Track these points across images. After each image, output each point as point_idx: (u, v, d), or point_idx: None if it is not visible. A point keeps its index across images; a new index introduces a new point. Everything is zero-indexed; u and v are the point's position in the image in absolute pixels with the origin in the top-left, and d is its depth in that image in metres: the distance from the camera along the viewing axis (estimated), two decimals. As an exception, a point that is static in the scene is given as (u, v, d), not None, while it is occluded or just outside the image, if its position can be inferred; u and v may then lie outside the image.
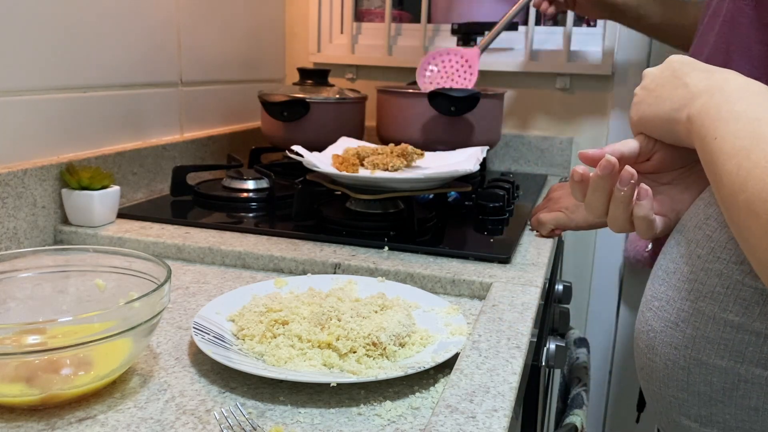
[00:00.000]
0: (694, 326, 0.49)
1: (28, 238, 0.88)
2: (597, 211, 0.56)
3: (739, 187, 0.41)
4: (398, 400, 0.54)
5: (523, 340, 0.61)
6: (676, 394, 0.51)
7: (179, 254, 0.88)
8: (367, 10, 1.66)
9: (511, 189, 1.12)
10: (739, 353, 0.46)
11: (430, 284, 0.78)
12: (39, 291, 0.63)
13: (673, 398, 0.52)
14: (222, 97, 1.37)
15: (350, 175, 0.92)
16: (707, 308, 0.48)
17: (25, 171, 0.86)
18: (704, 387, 0.49)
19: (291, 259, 0.83)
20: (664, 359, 0.52)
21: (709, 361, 0.48)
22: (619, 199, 0.54)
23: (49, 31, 0.91)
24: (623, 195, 0.53)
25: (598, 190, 0.55)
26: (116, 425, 0.50)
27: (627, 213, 0.54)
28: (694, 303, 0.49)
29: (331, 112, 1.28)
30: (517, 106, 1.53)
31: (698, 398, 0.49)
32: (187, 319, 0.69)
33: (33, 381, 0.50)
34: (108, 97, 1.03)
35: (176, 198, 1.10)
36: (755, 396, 0.46)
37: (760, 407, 0.46)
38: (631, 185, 0.53)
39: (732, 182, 0.42)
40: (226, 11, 1.34)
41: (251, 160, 1.32)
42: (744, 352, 0.46)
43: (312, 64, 1.63)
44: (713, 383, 0.48)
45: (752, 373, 0.46)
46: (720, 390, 0.48)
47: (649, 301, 0.55)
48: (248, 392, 0.55)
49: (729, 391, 0.47)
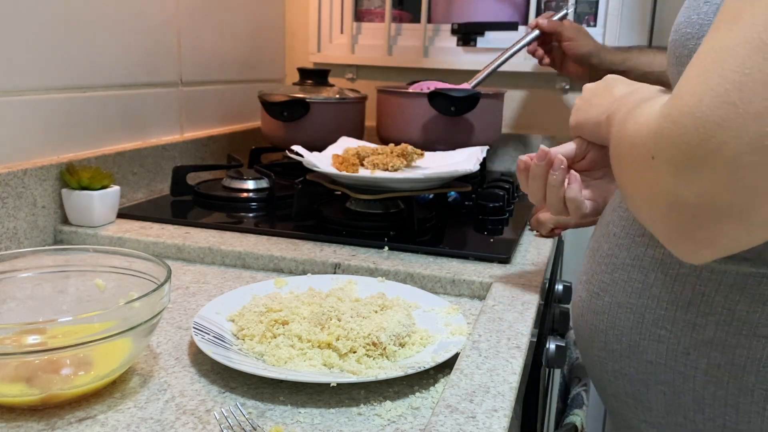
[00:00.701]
0: (610, 294, 0.57)
1: (28, 238, 0.88)
2: (537, 196, 0.66)
3: (612, 143, 0.51)
4: (398, 400, 0.54)
5: (523, 340, 0.61)
6: (597, 353, 0.60)
7: (179, 254, 0.88)
8: (367, 10, 1.66)
9: (511, 189, 1.12)
10: (641, 315, 0.54)
11: (430, 284, 0.78)
12: (39, 291, 0.63)
13: (596, 357, 0.60)
14: (222, 97, 1.37)
15: (350, 175, 0.92)
16: (619, 278, 0.56)
17: (25, 171, 0.86)
18: (617, 345, 0.57)
19: (291, 259, 0.83)
20: (589, 324, 0.60)
21: (620, 324, 0.56)
22: (552, 183, 0.64)
23: (49, 31, 0.91)
24: (555, 178, 0.63)
25: (536, 178, 0.65)
26: (116, 425, 0.50)
27: (560, 195, 0.64)
28: (610, 275, 0.57)
29: (331, 112, 1.28)
30: (517, 106, 1.53)
31: (612, 355, 0.57)
32: (187, 319, 0.69)
33: (33, 381, 0.50)
34: (108, 97, 1.03)
35: (176, 198, 1.09)
36: (650, 351, 0.53)
37: (653, 360, 0.53)
38: (561, 170, 0.63)
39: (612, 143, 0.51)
40: (226, 11, 1.34)
41: (251, 160, 1.32)
42: (644, 314, 0.54)
43: (312, 64, 1.63)
44: (622, 342, 0.56)
45: (649, 331, 0.53)
46: (627, 347, 0.55)
47: (579, 276, 0.64)
48: (248, 392, 0.55)
49: (633, 347, 0.55)
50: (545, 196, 0.65)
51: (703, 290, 0.50)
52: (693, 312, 0.50)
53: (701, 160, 0.37)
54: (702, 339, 0.50)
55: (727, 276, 0.49)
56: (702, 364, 0.50)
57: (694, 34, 0.46)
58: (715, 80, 0.36)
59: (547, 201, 0.65)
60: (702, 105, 0.37)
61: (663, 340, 0.52)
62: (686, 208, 0.39)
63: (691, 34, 0.46)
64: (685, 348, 0.51)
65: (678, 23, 0.48)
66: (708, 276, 0.50)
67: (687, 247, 0.42)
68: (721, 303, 0.49)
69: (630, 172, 0.45)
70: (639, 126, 0.44)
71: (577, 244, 1.50)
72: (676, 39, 0.48)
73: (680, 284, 0.51)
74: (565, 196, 0.64)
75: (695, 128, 0.37)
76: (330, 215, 0.98)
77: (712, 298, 0.49)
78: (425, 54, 1.54)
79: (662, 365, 0.53)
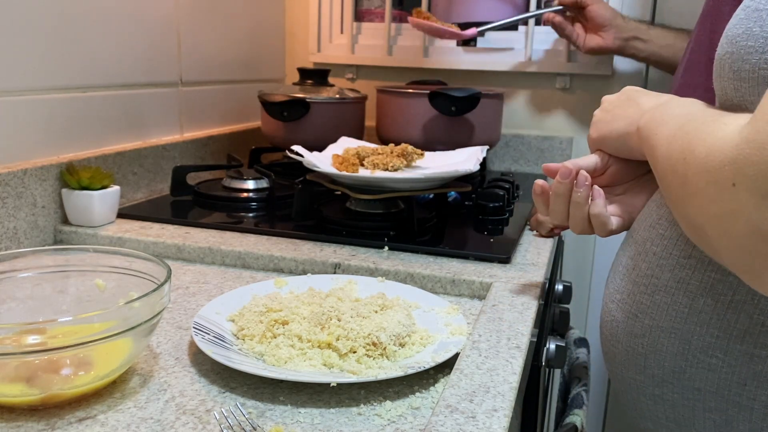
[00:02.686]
0: (651, 317, 0.55)
1: (28, 238, 0.88)
2: (560, 216, 0.64)
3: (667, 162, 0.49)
4: (398, 400, 0.54)
5: (523, 340, 0.61)
6: (634, 376, 0.57)
7: (179, 254, 0.88)
8: (367, 10, 1.66)
9: (511, 189, 1.12)
10: (687, 341, 0.52)
11: (430, 284, 0.78)
12: (39, 291, 0.63)
13: (632, 380, 0.58)
14: (222, 97, 1.37)
15: (350, 175, 0.92)
16: (662, 301, 0.54)
17: (25, 171, 0.86)
18: (658, 370, 0.54)
19: (291, 259, 0.83)
20: (625, 346, 0.58)
21: (663, 348, 0.54)
22: (576, 200, 0.62)
23: (49, 31, 0.91)
24: (579, 195, 0.61)
25: (559, 196, 0.63)
26: (116, 425, 0.50)
27: (584, 212, 0.62)
28: (651, 296, 0.55)
29: (331, 112, 1.28)
30: (517, 106, 1.53)
31: (652, 380, 0.55)
32: (187, 319, 0.69)
33: (33, 381, 0.50)
34: (108, 97, 1.03)
35: (176, 198, 1.09)
36: (698, 378, 0.51)
37: (702, 388, 0.51)
38: (586, 186, 0.61)
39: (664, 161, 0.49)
40: (226, 11, 1.34)
41: (251, 160, 1.32)
42: (690, 340, 0.52)
43: (312, 64, 1.63)
44: (665, 367, 0.54)
45: (697, 358, 0.51)
46: (670, 373, 0.53)
47: (611, 294, 0.61)
48: (248, 392, 0.55)
49: (678, 373, 0.53)
50: (568, 213, 0.63)
51: (762, 320, 0.47)
52: (750, 343, 0.48)
53: None
54: (761, 371, 0.48)
55: None
56: (762, 396, 0.48)
57: (758, 48, 0.43)
58: None
59: (571, 219, 0.63)
60: None
61: (714, 369, 0.50)
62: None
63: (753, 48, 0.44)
64: (741, 379, 0.49)
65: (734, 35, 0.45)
66: (767, 305, 0.47)
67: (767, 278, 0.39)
68: None
69: (701, 198, 0.43)
70: (711, 149, 0.41)
71: (577, 244, 1.50)
72: (734, 52, 0.45)
73: (734, 312, 0.49)
74: (590, 213, 0.62)
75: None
76: (330, 215, 0.98)
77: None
78: (425, 54, 1.54)
79: (713, 393, 0.51)
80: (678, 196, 0.47)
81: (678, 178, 0.46)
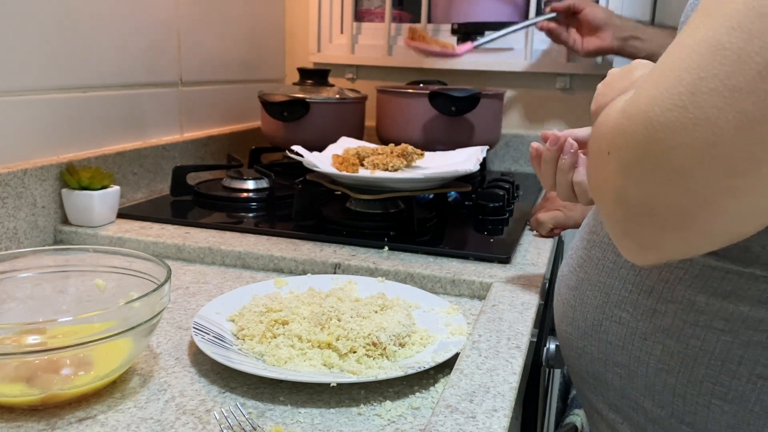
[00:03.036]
0: (584, 270, 0.57)
1: (28, 238, 0.88)
2: (548, 181, 0.65)
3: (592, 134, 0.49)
4: (398, 400, 0.54)
5: (523, 340, 0.61)
6: (566, 328, 0.60)
7: (179, 254, 0.88)
8: (367, 10, 1.66)
9: (511, 189, 1.12)
10: (606, 294, 0.54)
11: (430, 284, 0.78)
12: (39, 291, 0.63)
13: (564, 332, 0.60)
14: (222, 97, 1.37)
15: (350, 175, 0.92)
16: (595, 255, 0.56)
17: (25, 171, 0.86)
18: (582, 323, 0.57)
19: (291, 259, 0.83)
20: (563, 299, 0.61)
21: (588, 301, 0.56)
22: (561, 167, 0.63)
23: (49, 31, 0.91)
24: (564, 162, 0.63)
25: (548, 162, 0.64)
26: (116, 425, 0.50)
27: (569, 179, 0.63)
28: (588, 251, 0.58)
29: (331, 112, 1.28)
30: (517, 106, 1.53)
31: (577, 332, 0.57)
32: (187, 319, 0.69)
33: (33, 381, 0.50)
34: (108, 97, 1.03)
35: (176, 198, 1.09)
36: (611, 332, 0.54)
37: (612, 341, 0.53)
38: (571, 154, 0.62)
39: None
40: (226, 11, 1.34)
41: (251, 160, 1.32)
42: (609, 293, 0.54)
43: (312, 64, 1.63)
44: (587, 319, 0.56)
45: (612, 312, 0.53)
46: (590, 325, 0.56)
47: (565, 252, 0.65)
48: (248, 392, 0.55)
49: (596, 326, 0.55)
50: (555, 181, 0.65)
51: (668, 277, 0.49)
52: (654, 298, 0.50)
53: (649, 163, 0.36)
54: (660, 326, 0.50)
55: (693, 266, 0.48)
56: (656, 350, 0.50)
57: None
58: (671, 81, 0.35)
59: (557, 186, 0.65)
60: (655, 106, 0.35)
61: (623, 323, 0.52)
62: (630, 208, 0.38)
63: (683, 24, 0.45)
64: (642, 333, 0.51)
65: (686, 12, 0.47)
66: (674, 263, 0.49)
67: (629, 247, 0.41)
68: (682, 292, 0.49)
69: (590, 164, 0.44)
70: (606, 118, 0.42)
71: (577, 244, 1.50)
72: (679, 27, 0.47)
73: (647, 269, 0.51)
74: (573, 180, 0.63)
75: (646, 129, 0.35)
76: (330, 215, 0.98)
77: (675, 286, 0.49)
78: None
79: (620, 347, 0.53)
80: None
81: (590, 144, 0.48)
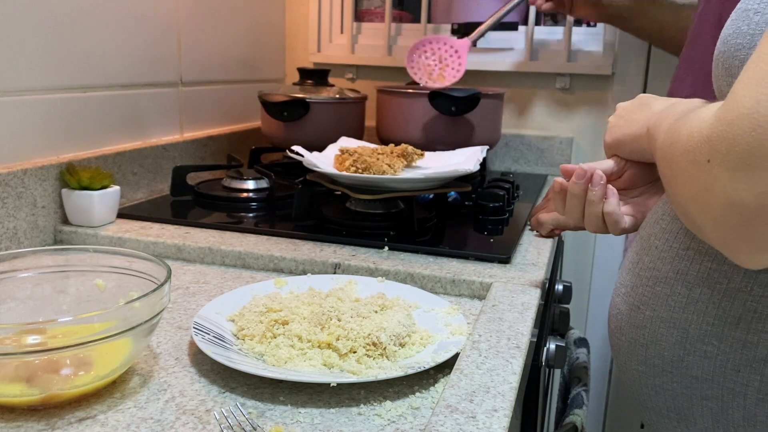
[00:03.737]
0: (651, 308, 0.57)
1: (28, 238, 0.88)
2: (575, 215, 0.66)
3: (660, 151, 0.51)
4: (398, 400, 0.54)
5: (523, 340, 0.61)
6: (636, 367, 0.59)
7: (179, 254, 0.88)
8: (367, 10, 1.66)
9: (511, 189, 1.12)
10: (685, 330, 0.54)
11: (430, 284, 0.78)
12: (39, 291, 0.63)
13: (635, 371, 0.59)
14: (222, 97, 1.37)
15: (350, 175, 0.92)
16: (662, 292, 0.56)
17: (25, 171, 0.86)
18: (658, 360, 0.56)
19: (291, 259, 0.83)
20: (629, 338, 0.60)
21: (662, 338, 0.55)
22: (591, 198, 0.64)
23: (49, 31, 0.91)
24: (594, 194, 0.63)
25: (574, 196, 0.65)
26: (116, 425, 0.50)
27: (598, 210, 0.64)
28: (652, 288, 0.57)
29: (331, 112, 1.28)
30: (517, 106, 1.53)
31: (653, 370, 0.57)
32: (187, 319, 0.69)
33: (33, 381, 0.50)
34: (108, 97, 1.03)
35: (176, 198, 1.09)
36: (695, 366, 0.53)
37: (699, 376, 0.53)
38: (601, 185, 0.63)
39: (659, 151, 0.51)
40: (226, 11, 1.34)
41: (251, 160, 1.32)
42: (688, 329, 0.53)
43: (312, 64, 1.63)
44: (665, 357, 0.55)
45: (694, 347, 0.53)
46: (669, 362, 0.55)
47: (617, 288, 0.63)
48: (248, 392, 0.55)
49: (676, 362, 0.54)
50: (584, 213, 0.65)
51: (755, 307, 0.49)
52: (744, 329, 0.50)
53: (759, 162, 0.38)
54: (754, 357, 0.50)
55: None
56: (754, 381, 0.50)
57: (745, 45, 0.46)
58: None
59: (586, 218, 0.65)
60: (759, 106, 0.38)
61: (710, 357, 0.52)
62: (743, 210, 0.39)
63: (741, 45, 0.46)
64: (735, 365, 0.51)
65: (726, 35, 0.48)
66: (760, 293, 0.49)
67: (743, 251, 0.42)
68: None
69: (683, 178, 0.45)
70: (692, 131, 0.44)
71: (577, 244, 1.50)
72: (725, 51, 0.48)
73: (729, 300, 0.51)
74: (603, 211, 0.64)
75: (752, 130, 0.38)
76: (330, 215, 0.98)
77: (766, 316, 0.49)
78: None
79: (709, 381, 0.52)
80: (667, 180, 0.49)
81: (666, 163, 0.49)
